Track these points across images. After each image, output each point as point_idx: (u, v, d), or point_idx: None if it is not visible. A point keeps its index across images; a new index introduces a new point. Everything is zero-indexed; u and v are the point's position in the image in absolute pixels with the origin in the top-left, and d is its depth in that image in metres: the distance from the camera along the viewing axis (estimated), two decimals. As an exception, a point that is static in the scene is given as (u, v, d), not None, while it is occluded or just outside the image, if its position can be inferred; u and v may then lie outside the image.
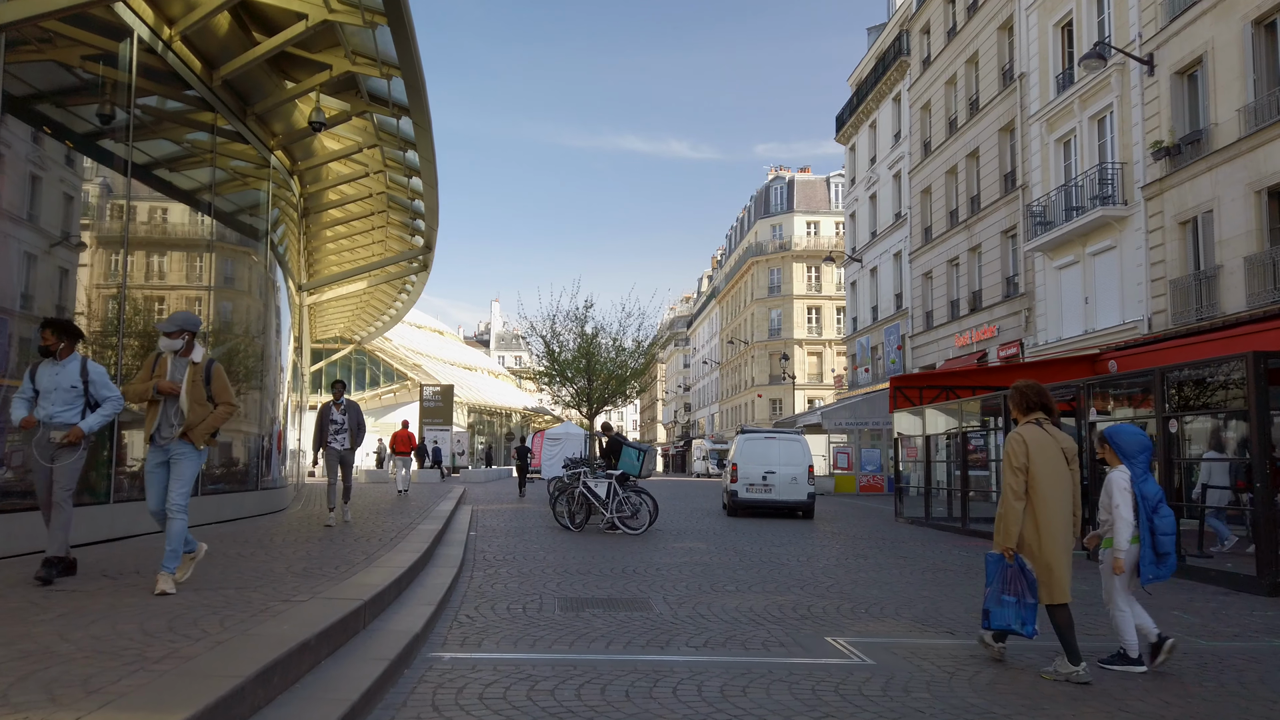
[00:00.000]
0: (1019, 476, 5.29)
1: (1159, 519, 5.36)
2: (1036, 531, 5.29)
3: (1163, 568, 5.38)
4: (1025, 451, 5.31)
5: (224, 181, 13.22)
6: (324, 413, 11.90)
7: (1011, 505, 5.29)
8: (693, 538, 13.61)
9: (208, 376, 6.19)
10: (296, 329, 18.56)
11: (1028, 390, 5.60)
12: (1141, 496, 5.37)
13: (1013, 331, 25.72)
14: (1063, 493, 5.32)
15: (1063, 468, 5.35)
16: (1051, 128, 23.88)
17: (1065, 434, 5.51)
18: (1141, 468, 5.46)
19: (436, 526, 11.88)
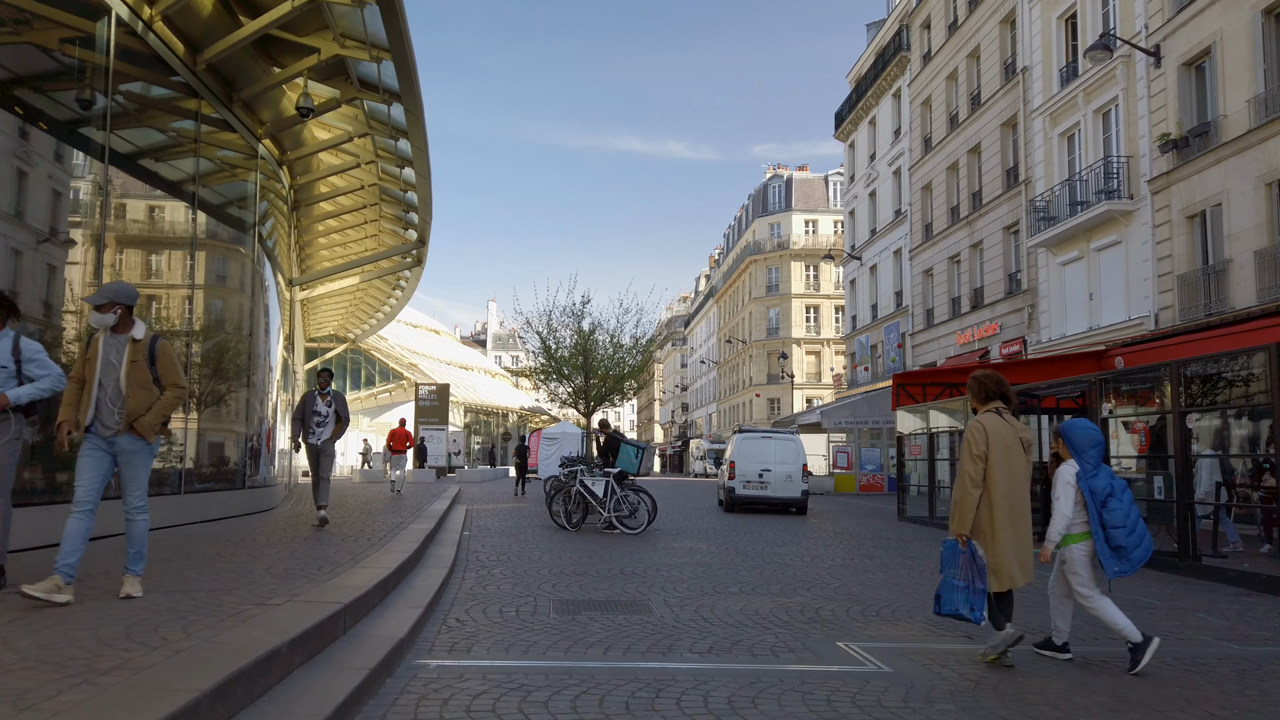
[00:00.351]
0: (978, 464, 5.31)
1: (1108, 513, 5.33)
2: (991, 519, 5.32)
3: (1125, 562, 5.33)
4: (985, 440, 5.33)
5: (210, 172, 12.82)
6: (307, 402, 11.01)
7: (968, 492, 5.31)
8: (692, 537, 13.24)
9: (151, 355, 5.35)
10: (287, 325, 18.17)
11: (986, 380, 5.66)
12: (1090, 491, 5.38)
13: (1015, 329, 25.38)
14: (1019, 482, 5.36)
15: (1020, 457, 5.40)
16: (1055, 122, 23.55)
17: (1023, 424, 5.57)
18: (1092, 462, 5.46)
19: (428, 526, 11.50)
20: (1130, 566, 5.36)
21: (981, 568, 5.27)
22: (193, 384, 11.82)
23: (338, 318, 31.30)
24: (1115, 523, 5.31)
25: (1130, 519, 5.36)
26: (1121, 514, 5.34)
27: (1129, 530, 5.32)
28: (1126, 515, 5.35)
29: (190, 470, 11.54)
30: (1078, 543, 5.47)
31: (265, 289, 14.97)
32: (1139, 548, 5.35)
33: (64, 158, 9.06)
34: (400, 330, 62.00)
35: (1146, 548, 5.39)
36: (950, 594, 5.37)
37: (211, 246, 12.78)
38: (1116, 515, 5.32)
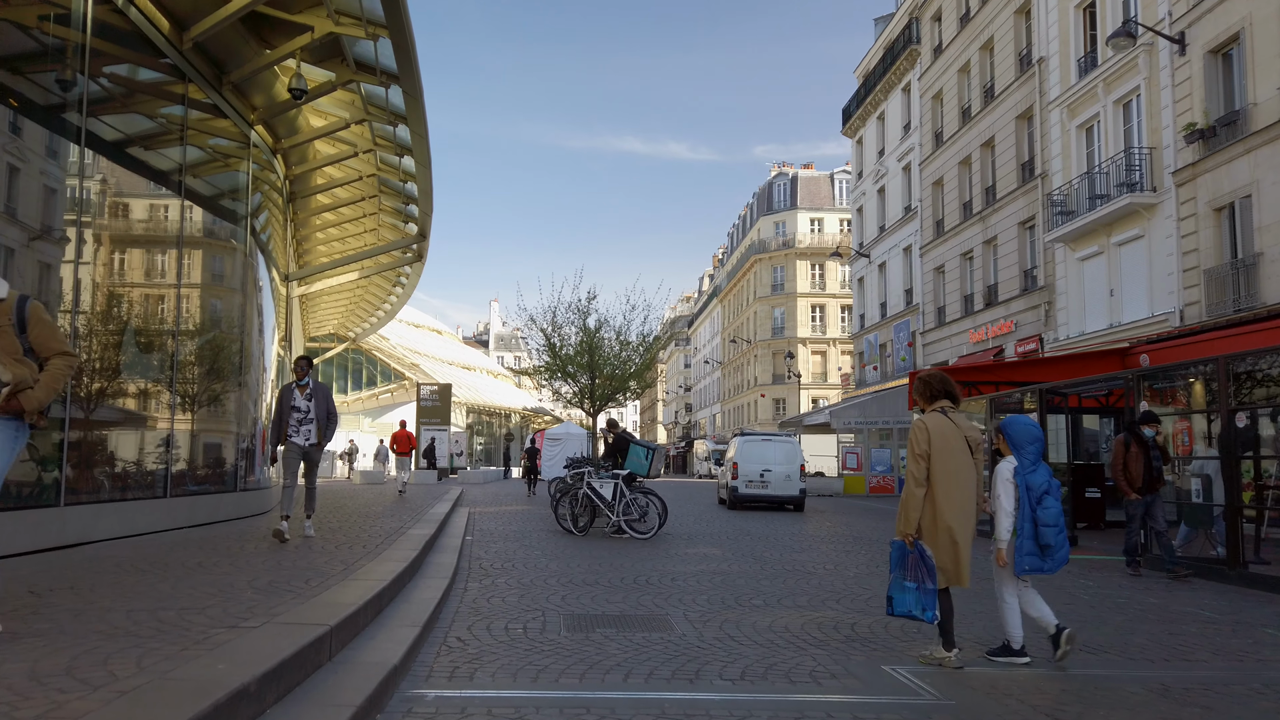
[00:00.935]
0: (921, 464, 5.30)
1: (1042, 510, 5.33)
2: (934, 518, 5.29)
3: (1048, 560, 5.35)
4: (928, 439, 5.31)
5: (199, 162, 12.22)
6: (284, 397, 9.47)
7: (913, 492, 5.30)
8: (705, 542, 12.61)
9: (20, 321, 4.33)
10: (283, 322, 17.56)
11: (931, 379, 5.65)
12: (1026, 487, 5.38)
13: (1031, 326, 24.74)
14: (963, 480, 5.32)
15: (965, 456, 5.35)
16: (1073, 113, 22.91)
17: (970, 423, 5.55)
18: (1030, 458, 5.45)
19: (428, 531, 10.88)
20: (1053, 566, 5.38)
21: (931, 568, 5.25)
22: (182, 383, 11.23)
23: (337, 316, 30.70)
24: (1048, 521, 5.29)
25: (1060, 520, 5.39)
26: (1055, 513, 5.33)
27: (1059, 530, 5.33)
28: (1059, 515, 5.37)
29: (178, 472, 10.94)
30: None
31: (259, 284, 14.38)
32: (1062, 549, 5.38)
33: (31, 140, 8.45)
34: (402, 330, 61.43)
35: (1066, 551, 5.44)
36: (901, 595, 5.35)
37: (201, 239, 12.18)
38: (1050, 514, 5.30)
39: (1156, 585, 9.37)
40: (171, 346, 10.68)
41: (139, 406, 10.18)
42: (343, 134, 14.45)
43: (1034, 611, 5.50)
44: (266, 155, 13.92)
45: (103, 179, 9.60)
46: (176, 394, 10.81)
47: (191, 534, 9.88)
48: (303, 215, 17.83)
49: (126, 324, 9.97)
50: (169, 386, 10.56)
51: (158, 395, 10.42)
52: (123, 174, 10.11)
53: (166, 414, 10.47)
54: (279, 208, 15.72)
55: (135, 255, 10.57)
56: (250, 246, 13.42)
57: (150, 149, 10.75)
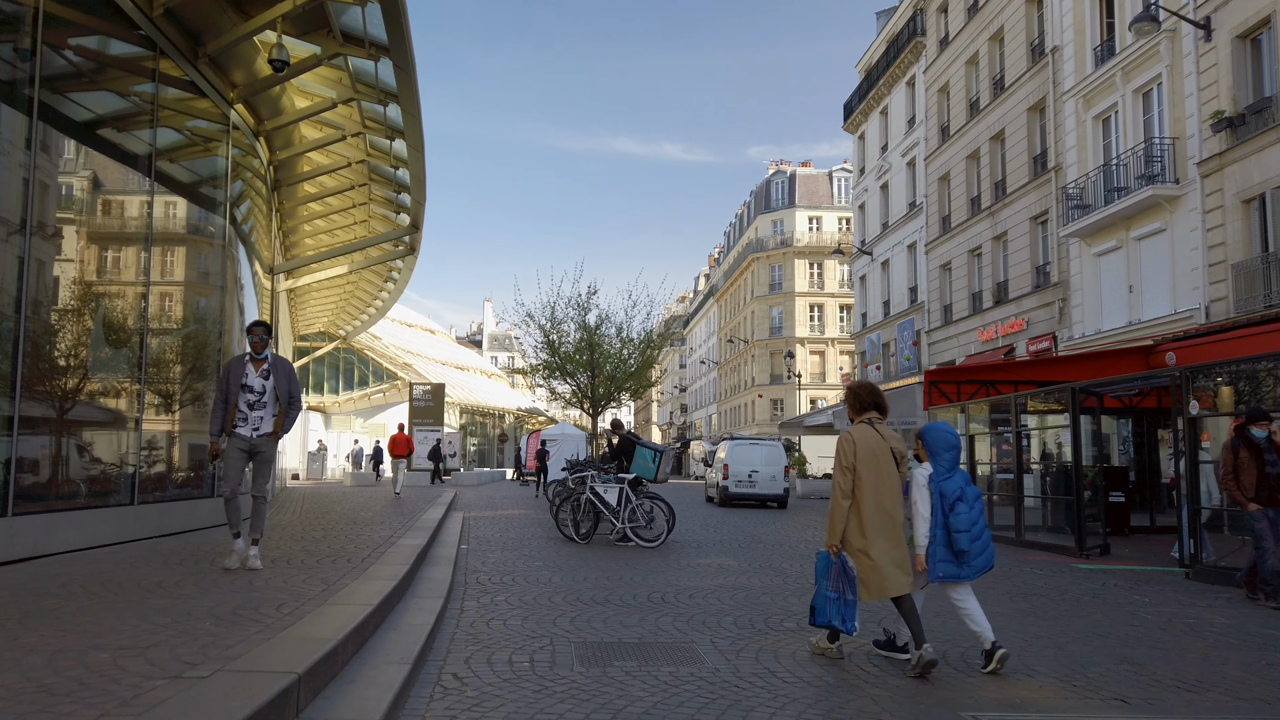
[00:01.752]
0: (846, 475, 5.34)
1: (954, 516, 5.35)
2: (860, 530, 5.33)
3: (965, 567, 5.35)
4: (854, 451, 5.36)
5: (175, 146, 11.36)
6: (233, 372, 7.20)
7: (838, 503, 5.36)
8: (717, 551, 11.77)
9: None
10: (267, 317, 16.67)
11: (860, 390, 5.66)
12: (940, 493, 5.41)
13: (1044, 324, 23.97)
14: (888, 492, 5.36)
15: (890, 468, 5.39)
16: (1089, 104, 22.15)
17: (896, 434, 5.57)
18: (945, 465, 5.48)
19: (421, 541, 10.02)
20: (971, 574, 5.37)
21: (852, 579, 5.27)
22: (153, 382, 10.35)
23: (328, 313, 29.81)
24: (960, 527, 5.32)
25: (976, 526, 5.37)
26: (968, 519, 5.34)
27: (973, 537, 5.34)
28: (973, 522, 5.36)
29: (147, 476, 10.06)
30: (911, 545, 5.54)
31: (239, 277, 13.50)
32: (981, 555, 5.38)
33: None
34: (395, 329, 60.50)
35: (988, 558, 5.43)
36: (824, 605, 5.41)
37: (174, 228, 11.30)
38: (962, 520, 5.33)
39: (1216, 601, 8.57)
40: (139, 343, 9.79)
41: (101, 406, 9.30)
42: (330, 116, 13.59)
43: (973, 625, 5.41)
44: (248, 139, 13.05)
45: (62, 162, 8.73)
46: (146, 394, 9.94)
47: (160, 545, 9.01)
48: (289, 205, 16.95)
49: (88, 319, 9.09)
50: (138, 386, 9.68)
51: (124, 395, 9.54)
52: (86, 157, 9.24)
53: (133, 415, 9.59)
54: (262, 196, 14.84)
55: (99, 246, 9.69)
56: (230, 236, 12.54)
57: (117, 129, 9.87)
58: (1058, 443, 15.56)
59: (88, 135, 9.20)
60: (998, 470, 17.24)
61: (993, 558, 5.52)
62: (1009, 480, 17.34)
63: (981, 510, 5.48)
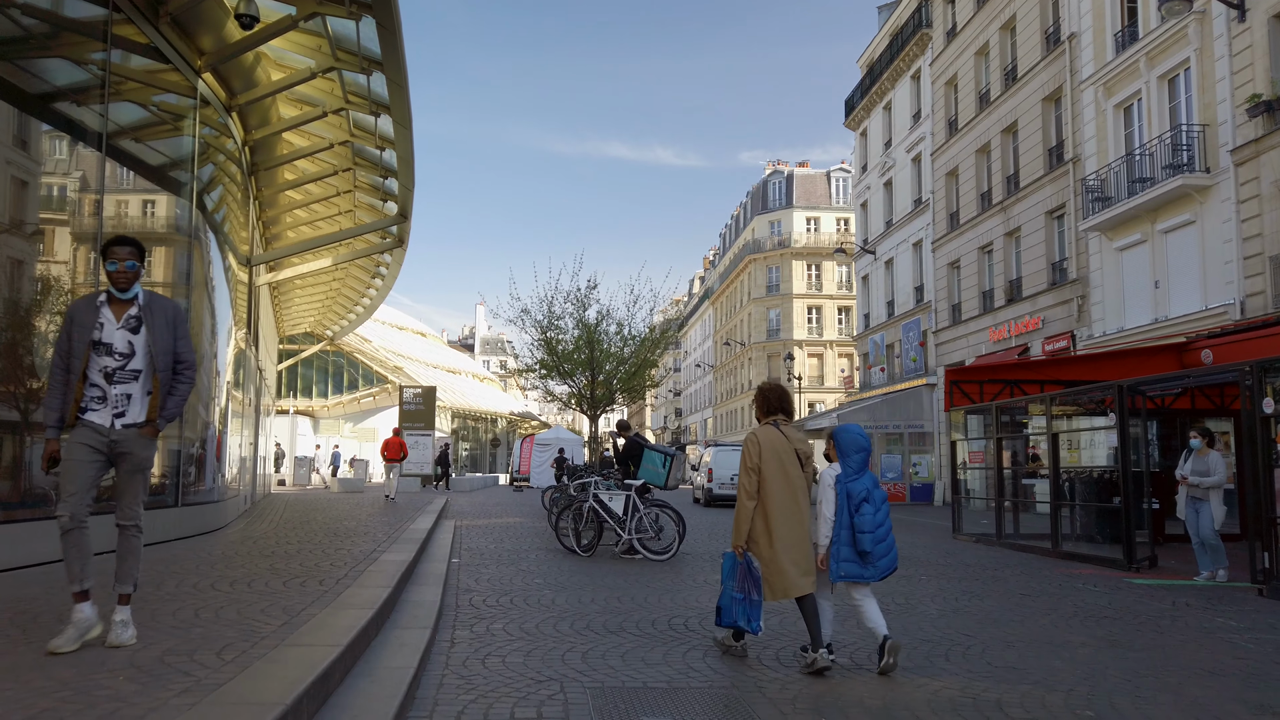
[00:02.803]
0: (752, 477, 5.39)
1: (859, 518, 5.37)
2: (766, 530, 5.37)
3: (869, 568, 5.35)
4: (758, 452, 5.42)
5: (134, 122, 10.25)
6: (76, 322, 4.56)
7: (744, 504, 5.40)
8: (735, 566, 10.68)
9: None
10: (243, 312, 15.54)
11: (769, 392, 5.72)
12: (846, 494, 5.42)
13: (1061, 322, 22.99)
14: (792, 493, 5.43)
15: (796, 469, 5.47)
16: (1109, 92, 21.21)
17: (801, 436, 5.62)
18: (854, 466, 5.50)
19: (406, 556, 8.93)
20: (874, 574, 5.38)
21: (756, 580, 5.33)
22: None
23: (314, 312, 28.64)
24: (864, 528, 5.34)
25: (881, 528, 5.40)
26: (873, 521, 5.37)
27: (878, 539, 5.36)
28: (879, 524, 5.39)
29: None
30: None
31: (209, 267, 12.36)
32: (885, 557, 5.39)
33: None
34: (385, 332, 59.36)
35: (892, 560, 5.44)
36: (730, 606, 5.46)
37: (131, 212, 10.19)
38: (867, 521, 5.36)
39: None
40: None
41: (35, 409, 8.18)
42: (309, 91, 12.49)
43: (868, 622, 5.42)
44: (220, 115, 11.94)
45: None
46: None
47: (110, 561, 7.88)
48: (268, 192, 15.82)
49: (19, 313, 7.97)
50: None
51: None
52: (24, 129, 8.13)
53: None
54: (236, 182, 13.72)
55: (41, 228, 8.57)
56: (198, 223, 11.41)
57: (63, 100, 8.76)
58: (1092, 445, 14.55)
59: (30, 107, 8.10)
60: (1023, 475, 16.25)
61: (896, 561, 5.51)
62: (1035, 486, 16.34)
63: (887, 513, 5.49)
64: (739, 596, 5.38)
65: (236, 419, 15.12)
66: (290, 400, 49.44)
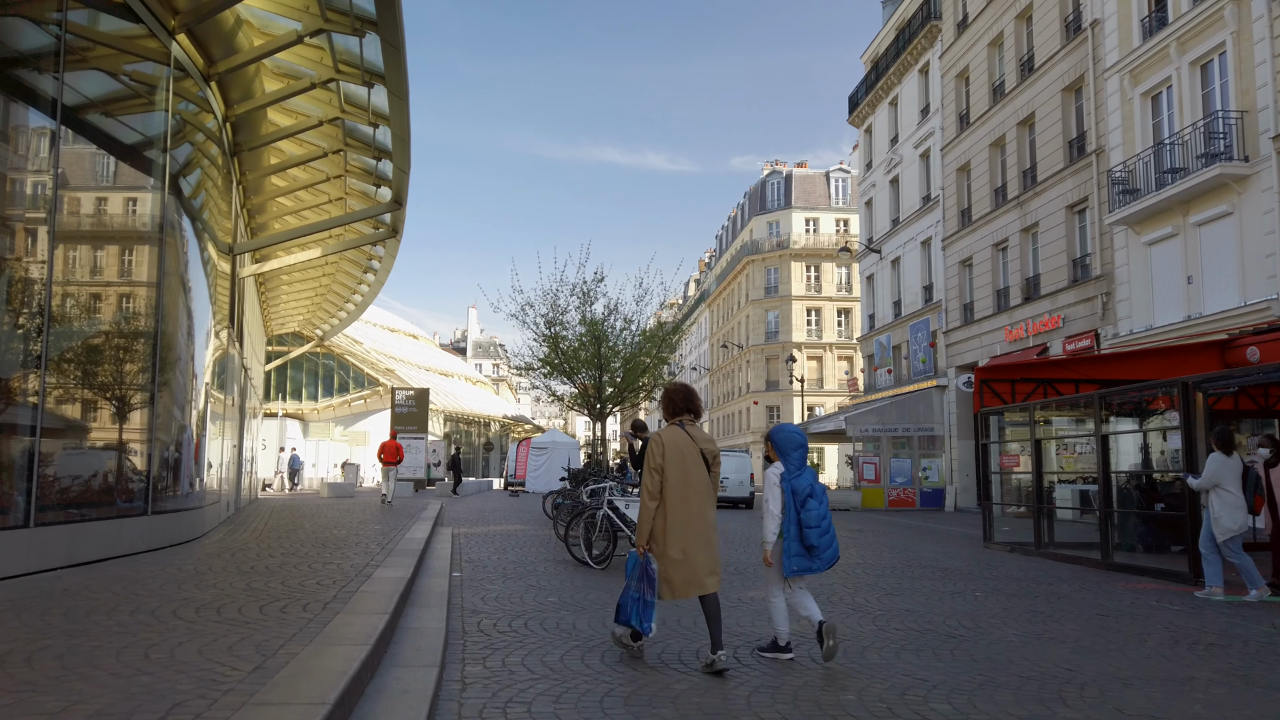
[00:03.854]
0: (655, 477, 5.37)
1: (805, 513, 5.50)
2: (665, 530, 5.35)
3: (816, 560, 5.50)
4: (662, 453, 5.40)
5: (98, 93, 9.21)
6: None
7: (645, 505, 5.38)
8: (760, 576, 9.64)
9: None
10: (226, 306, 14.45)
11: (674, 394, 5.72)
12: (792, 491, 5.55)
13: (1084, 321, 22.08)
14: (695, 493, 5.40)
15: (700, 470, 5.43)
16: (1136, 80, 20.33)
17: (709, 437, 5.61)
18: (795, 464, 5.63)
19: (404, 572, 7.89)
20: (820, 566, 5.53)
21: (653, 580, 5.33)
22: (61, 384, 8.18)
23: (303, 310, 27.52)
24: (811, 522, 5.47)
25: (825, 521, 5.55)
26: (818, 515, 5.52)
27: (822, 531, 5.49)
28: (823, 517, 5.54)
29: (53, 491, 7.86)
30: None
31: (184, 256, 11.29)
32: (829, 549, 5.54)
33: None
34: (376, 334, 58.25)
35: (834, 552, 5.58)
36: (627, 604, 5.41)
37: (90, 192, 9.15)
38: (813, 515, 5.49)
39: None
40: (38, 338, 7.60)
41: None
42: (295, 59, 11.45)
43: (804, 611, 5.56)
44: (199, 86, 10.88)
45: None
46: (50, 396, 7.75)
47: (65, 579, 6.83)
48: (252, 177, 14.75)
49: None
50: (36, 386, 7.49)
51: (15, 397, 7.36)
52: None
53: (27, 420, 7.38)
54: (216, 164, 12.64)
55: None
56: (169, 204, 10.34)
57: (14, 67, 7.71)
58: (1116, 449, 13.58)
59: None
60: (1060, 480, 15.29)
61: (838, 551, 5.65)
62: (1080, 492, 15.39)
63: (828, 506, 5.64)
64: (635, 596, 5.34)
65: (218, 421, 14.03)
66: (279, 403, 48.25)
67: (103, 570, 7.62)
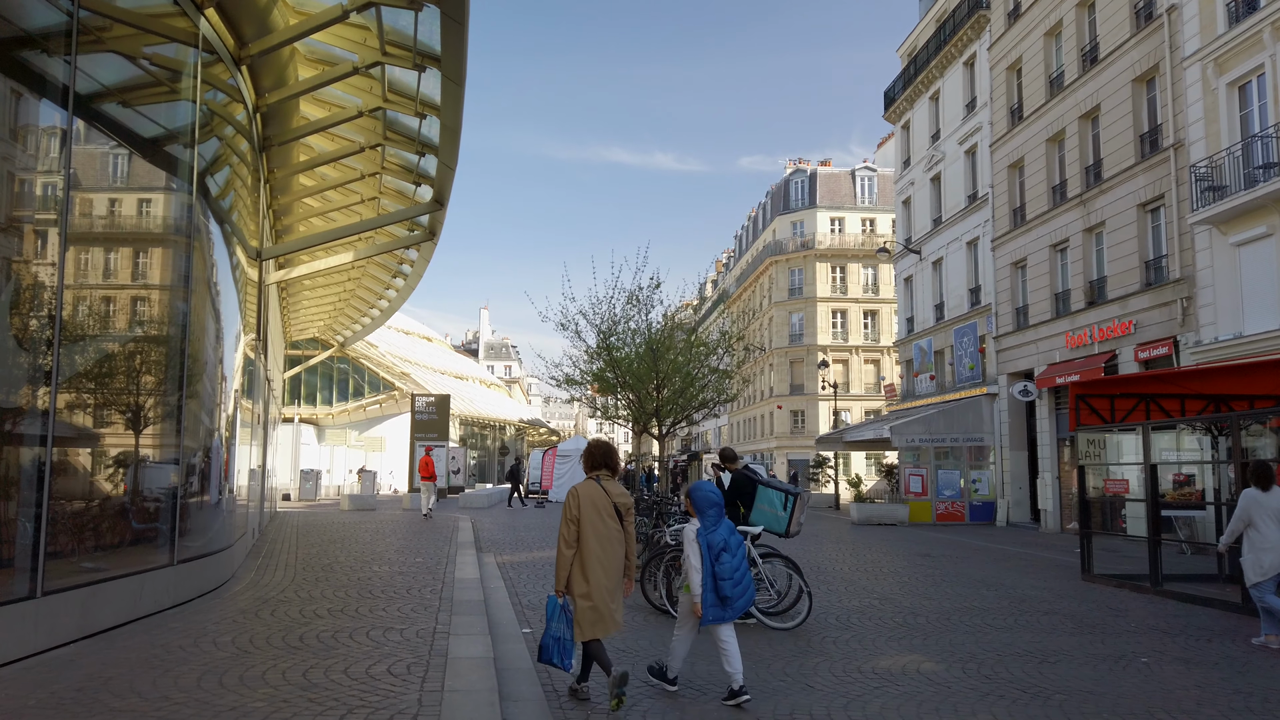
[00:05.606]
0: (571, 527, 5.73)
1: (719, 566, 5.83)
2: (583, 576, 5.72)
3: (728, 610, 5.85)
4: (577, 504, 5.77)
5: (119, 85, 7.96)
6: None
7: (563, 552, 5.73)
8: (895, 635, 8.29)
9: None
10: (254, 316, 13.19)
11: (594, 450, 6.13)
12: (707, 545, 5.87)
13: (1160, 327, 20.64)
14: (607, 543, 5.79)
15: (613, 522, 5.85)
16: (1221, 68, 18.89)
17: (623, 491, 6.04)
18: (711, 520, 5.97)
19: (483, 650, 6.59)
20: (732, 615, 5.87)
21: (569, 621, 5.68)
22: (75, 409, 6.91)
23: (324, 315, 26.27)
24: (724, 575, 5.83)
25: (738, 573, 5.91)
26: (730, 568, 5.87)
27: (735, 582, 5.86)
28: (735, 569, 5.89)
29: (61, 546, 6.58)
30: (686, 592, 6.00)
31: (212, 260, 10.02)
32: (741, 599, 5.90)
33: None
34: (391, 337, 57.01)
35: (747, 600, 5.96)
36: (549, 645, 5.67)
37: (104, 190, 7.88)
38: (726, 568, 5.85)
39: None
40: (49, 355, 6.33)
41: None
42: (337, 40, 10.16)
43: (728, 665, 5.82)
44: (229, 71, 9.60)
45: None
46: (62, 428, 6.47)
47: (78, 662, 5.53)
48: (281, 174, 13.47)
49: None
50: (41, 417, 6.22)
51: (21, 429, 6.08)
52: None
53: (33, 459, 6.10)
54: (246, 161, 11.37)
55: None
56: (199, 206, 9.07)
57: (19, 50, 6.44)
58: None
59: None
60: (1172, 507, 13.89)
61: (753, 597, 6.09)
62: (1198, 518, 14.00)
63: (743, 557, 5.99)
64: (556, 636, 5.63)
65: (245, 447, 12.76)
66: (294, 408, 47.09)
67: (122, 642, 6.34)
